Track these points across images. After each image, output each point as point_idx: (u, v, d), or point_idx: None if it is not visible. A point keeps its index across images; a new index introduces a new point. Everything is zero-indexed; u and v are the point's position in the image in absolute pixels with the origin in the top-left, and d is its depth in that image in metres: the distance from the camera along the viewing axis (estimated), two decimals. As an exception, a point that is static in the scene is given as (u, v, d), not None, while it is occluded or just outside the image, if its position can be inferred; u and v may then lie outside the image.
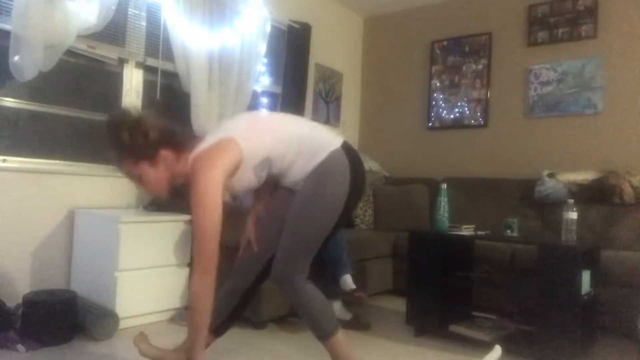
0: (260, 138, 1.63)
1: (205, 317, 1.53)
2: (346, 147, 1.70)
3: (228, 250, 2.24)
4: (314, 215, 1.65)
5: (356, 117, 5.02)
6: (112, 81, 3.03)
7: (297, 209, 1.68)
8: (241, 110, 3.58)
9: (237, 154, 1.58)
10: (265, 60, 3.83)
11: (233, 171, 1.59)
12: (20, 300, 2.29)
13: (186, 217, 2.75)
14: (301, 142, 1.66)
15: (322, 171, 1.65)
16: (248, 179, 1.66)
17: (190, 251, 2.81)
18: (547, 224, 3.50)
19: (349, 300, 2.70)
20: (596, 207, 3.34)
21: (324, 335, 1.76)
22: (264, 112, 1.73)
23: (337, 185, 1.65)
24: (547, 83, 3.91)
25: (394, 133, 4.76)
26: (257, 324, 2.65)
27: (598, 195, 3.33)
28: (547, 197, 3.49)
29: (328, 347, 1.79)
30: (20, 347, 2.11)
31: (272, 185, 1.89)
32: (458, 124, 4.36)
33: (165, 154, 1.63)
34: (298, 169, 1.67)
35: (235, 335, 2.51)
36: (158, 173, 1.64)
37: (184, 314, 2.70)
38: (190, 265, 2.81)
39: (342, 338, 1.78)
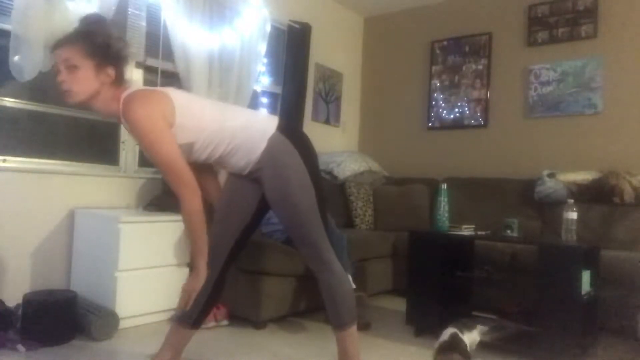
0: (195, 121, 1.63)
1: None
2: (281, 127, 1.71)
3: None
4: (295, 200, 1.68)
5: (356, 117, 5.02)
6: (112, 81, 3.03)
7: (280, 209, 1.72)
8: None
9: (170, 116, 1.58)
10: (265, 60, 3.83)
11: (169, 117, 1.59)
12: (20, 300, 2.29)
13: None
14: (238, 133, 1.66)
15: (271, 160, 1.67)
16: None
17: (189, 251, 2.81)
18: (547, 224, 3.50)
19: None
20: (596, 207, 3.33)
21: (340, 325, 1.78)
22: (198, 100, 1.71)
23: (293, 165, 1.68)
24: (547, 83, 3.91)
25: (394, 133, 4.76)
26: (257, 324, 2.65)
27: (598, 195, 3.33)
28: (547, 197, 3.49)
29: (340, 339, 1.80)
30: (20, 347, 2.11)
31: (211, 178, 1.92)
32: (458, 124, 4.36)
33: (111, 71, 1.62)
34: (239, 159, 1.69)
35: (235, 335, 2.52)
36: (92, 79, 1.61)
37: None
38: (190, 265, 2.81)
39: (356, 335, 1.80)
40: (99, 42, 1.61)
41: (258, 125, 1.69)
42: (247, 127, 1.68)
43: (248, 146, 1.67)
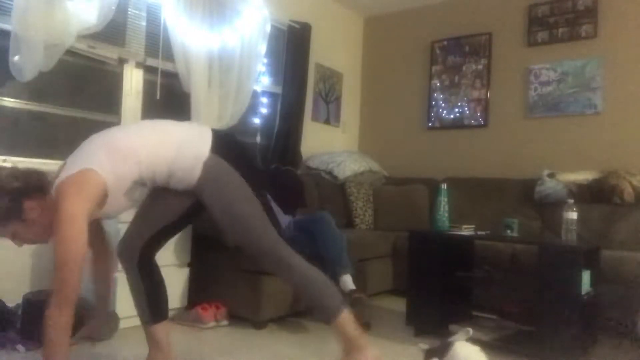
0: (125, 167, 1.58)
1: (63, 351, 1.46)
2: (215, 146, 1.65)
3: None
4: (244, 215, 1.68)
5: (356, 117, 5.02)
6: (112, 81, 3.03)
7: (229, 227, 1.70)
8: (241, 110, 3.58)
9: (101, 186, 1.53)
10: (265, 60, 3.83)
11: (100, 201, 1.56)
12: (20, 300, 2.29)
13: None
14: (171, 164, 1.62)
15: (208, 185, 1.64)
16: (122, 204, 1.65)
17: (189, 251, 2.81)
18: (547, 224, 3.50)
19: (348, 300, 2.70)
20: (596, 207, 3.33)
21: (330, 317, 1.72)
22: (119, 132, 1.66)
23: (232, 182, 1.66)
24: (547, 83, 3.91)
25: (394, 133, 4.76)
26: (257, 324, 2.65)
27: (598, 195, 3.33)
28: (547, 197, 3.49)
29: (336, 329, 1.74)
30: (20, 347, 2.11)
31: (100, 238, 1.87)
32: (458, 124, 4.36)
33: (30, 204, 1.54)
34: (177, 183, 1.66)
35: (235, 335, 2.52)
36: (34, 226, 1.56)
37: (184, 314, 2.70)
38: (190, 265, 2.82)
39: (348, 316, 1.74)
40: (4, 205, 1.52)
41: (190, 151, 1.63)
42: (179, 155, 1.62)
43: (183, 174, 1.63)
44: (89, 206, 1.49)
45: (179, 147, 1.63)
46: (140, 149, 1.61)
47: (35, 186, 1.57)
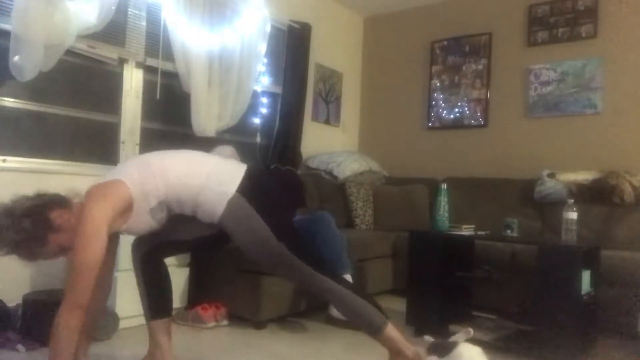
0: (152, 185, 1.61)
1: (70, 353, 1.48)
2: (243, 186, 1.67)
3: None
4: (266, 252, 1.71)
5: (356, 117, 5.02)
6: (112, 81, 3.03)
7: (254, 255, 1.74)
8: (241, 110, 3.58)
9: (126, 197, 1.57)
10: (265, 60, 3.83)
11: (124, 214, 1.59)
12: (20, 300, 2.29)
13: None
14: (197, 190, 1.65)
15: (231, 223, 1.67)
16: (146, 222, 1.67)
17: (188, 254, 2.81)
18: (547, 224, 3.50)
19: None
20: (596, 207, 3.33)
21: (376, 331, 1.78)
22: (156, 153, 1.71)
23: (253, 226, 1.68)
24: (547, 83, 3.91)
25: (394, 133, 4.76)
26: (257, 324, 2.65)
27: (598, 195, 3.33)
28: (547, 197, 3.49)
29: (382, 343, 1.80)
30: (20, 347, 2.11)
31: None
32: (458, 124, 4.36)
33: (56, 214, 1.58)
34: (202, 213, 1.68)
35: (235, 335, 2.52)
36: (69, 230, 1.58)
37: (184, 314, 2.70)
38: (190, 265, 2.82)
39: (393, 332, 1.78)
40: (27, 232, 1.54)
41: (217, 186, 1.66)
42: (206, 186, 1.65)
43: (208, 207, 1.66)
44: (111, 213, 1.53)
45: (208, 179, 1.66)
46: (170, 171, 1.65)
47: (51, 200, 1.61)
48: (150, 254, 1.87)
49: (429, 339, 1.83)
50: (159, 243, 1.87)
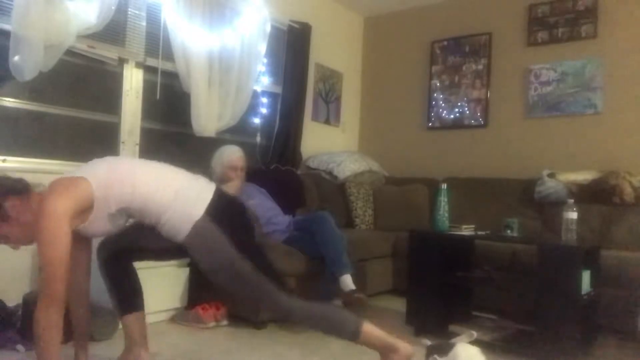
0: (117, 190, 1.59)
1: (54, 351, 1.46)
2: (210, 210, 1.64)
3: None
4: (229, 274, 1.67)
5: (356, 117, 5.02)
6: (112, 81, 3.03)
7: (215, 278, 1.71)
8: (241, 110, 3.58)
9: (88, 196, 1.55)
10: (265, 60, 3.83)
11: (82, 213, 1.56)
12: (20, 300, 2.29)
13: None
14: (163, 207, 1.62)
15: (195, 245, 1.65)
16: (103, 226, 1.65)
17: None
18: (547, 224, 3.50)
19: (348, 301, 2.70)
20: (596, 207, 3.33)
21: (353, 338, 1.76)
22: (128, 159, 1.70)
23: (218, 249, 1.65)
24: (547, 83, 3.91)
25: (394, 133, 4.76)
26: (257, 324, 2.65)
27: (598, 195, 3.33)
28: (547, 197, 3.49)
29: (364, 345, 1.79)
30: (20, 347, 2.11)
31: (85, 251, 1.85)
32: (458, 124, 4.36)
33: (11, 203, 1.56)
34: (164, 231, 1.65)
35: (235, 335, 2.52)
36: (19, 225, 1.57)
37: (184, 314, 2.70)
38: (190, 265, 2.81)
39: (371, 330, 1.77)
40: None
41: (184, 207, 1.63)
42: (172, 205, 1.62)
43: (170, 226, 1.64)
44: (71, 206, 1.50)
45: (175, 198, 1.63)
46: (138, 182, 1.62)
47: (12, 187, 1.60)
48: (115, 258, 1.84)
49: (426, 341, 1.83)
50: (123, 248, 1.83)
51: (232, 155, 3.04)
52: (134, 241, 1.79)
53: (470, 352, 1.71)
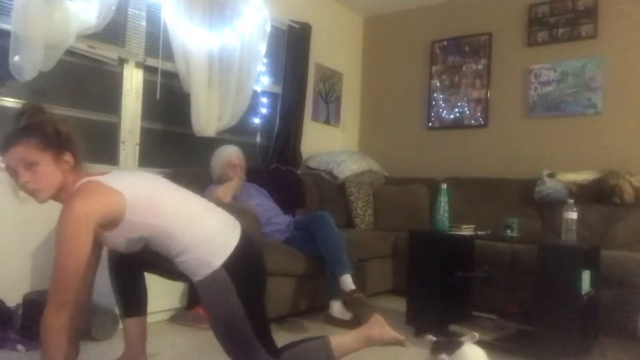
0: (151, 221, 1.55)
1: (58, 356, 1.44)
2: (228, 262, 1.58)
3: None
4: (229, 324, 1.63)
5: (356, 117, 5.02)
6: (112, 81, 3.03)
7: (213, 324, 1.66)
8: (241, 110, 3.58)
9: (118, 215, 1.50)
10: (265, 60, 3.83)
11: (109, 225, 1.52)
12: (20, 300, 2.29)
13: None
14: (183, 249, 1.57)
15: (206, 293, 1.61)
16: (118, 243, 1.61)
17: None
18: (547, 224, 3.50)
19: (348, 301, 2.70)
20: (596, 207, 3.33)
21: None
22: (164, 190, 1.63)
23: (222, 299, 1.60)
24: (547, 83, 3.91)
25: (394, 133, 4.76)
26: (257, 324, 2.64)
27: (598, 195, 3.33)
28: (547, 197, 3.49)
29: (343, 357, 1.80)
30: (20, 347, 2.11)
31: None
32: (458, 124, 4.36)
33: (68, 157, 1.56)
34: (182, 267, 1.61)
35: (235, 335, 2.51)
36: (54, 171, 1.53)
37: (184, 314, 2.70)
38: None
39: (336, 344, 1.77)
40: (50, 132, 1.55)
41: (204, 255, 1.58)
42: (193, 250, 1.57)
43: (186, 267, 1.59)
44: (99, 218, 1.47)
45: (201, 242, 1.58)
46: (170, 216, 1.57)
47: (78, 153, 1.60)
48: (128, 263, 1.82)
49: (431, 338, 1.82)
50: (138, 256, 1.78)
51: (229, 153, 3.05)
52: (150, 255, 1.73)
53: (478, 355, 1.70)
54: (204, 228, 1.62)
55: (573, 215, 2.45)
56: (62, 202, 1.53)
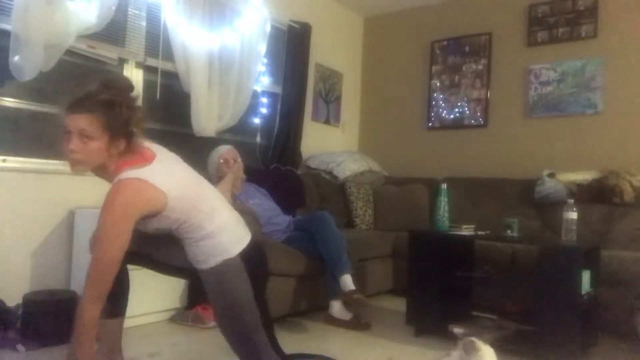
0: (185, 216, 1.57)
1: (89, 345, 1.48)
2: (244, 253, 1.63)
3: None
4: (238, 318, 1.64)
5: (356, 117, 5.02)
6: (112, 81, 3.03)
7: (220, 319, 1.68)
8: (241, 110, 3.58)
9: (156, 212, 1.53)
10: (265, 60, 3.83)
11: (145, 217, 1.54)
12: (20, 300, 2.29)
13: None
14: (204, 236, 1.59)
15: (217, 280, 1.62)
16: (143, 227, 1.61)
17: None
18: (547, 224, 3.50)
19: (348, 301, 2.70)
20: (596, 207, 3.33)
21: None
22: (197, 184, 1.66)
23: (240, 290, 1.62)
24: (547, 83, 3.91)
25: (394, 133, 4.76)
26: (257, 324, 2.64)
27: (598, 195, 3.33)
28: (547, 197, 3.49)
29: None
30: (20, 347, 2.11)
31: None
32: (458, 124, 4.36)
33: (121, 144, 1.56)
34: (196, 251, 1.62)
35: (235, 335, 2.51)
36: (103, 152, 1.53)
37: (184, 314, 2.70)
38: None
39: None
40: (121, 116, 1.54)
41: (223, 242, 1.61)
42: (213, 237, 1.60)
43: (201, 252, 1.61)
44: (141, 213, 1.50)
45: (222, 229, 1.62)
46: (198, 214, 1.59)
47: (132, 141, 1.58)
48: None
49: (458, 330, 1.76)
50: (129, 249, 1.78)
51: (221, 151, 3.03)
52: (142, 246, 1.72)
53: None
54: (226, 218, 1.66)
55: (573, 215, 2.45)
56: (99, 176, 1.60)
